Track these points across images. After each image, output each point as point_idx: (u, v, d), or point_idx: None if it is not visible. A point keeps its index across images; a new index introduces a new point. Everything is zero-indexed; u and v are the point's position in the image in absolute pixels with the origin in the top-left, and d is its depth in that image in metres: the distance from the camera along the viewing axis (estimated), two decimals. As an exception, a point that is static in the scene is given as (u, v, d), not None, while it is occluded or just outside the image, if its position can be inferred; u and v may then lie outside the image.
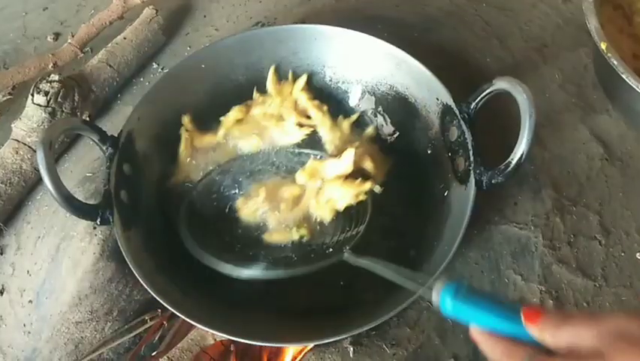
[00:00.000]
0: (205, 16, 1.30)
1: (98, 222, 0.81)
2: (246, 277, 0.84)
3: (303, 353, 0.87)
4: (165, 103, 0.97)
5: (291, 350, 0.91)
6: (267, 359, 0.95)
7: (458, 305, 0.55)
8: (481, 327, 0.54)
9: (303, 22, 1.18)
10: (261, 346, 0.93)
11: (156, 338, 0.98)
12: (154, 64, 1.21)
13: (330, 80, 1.05)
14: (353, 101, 1.04)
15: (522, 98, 0.76)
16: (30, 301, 0.94)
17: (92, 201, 0.83)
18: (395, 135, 1.01)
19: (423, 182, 0.94)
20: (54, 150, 0.79)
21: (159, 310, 0.97)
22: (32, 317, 0.93)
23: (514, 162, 0.77)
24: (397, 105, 0.99)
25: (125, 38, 1.17)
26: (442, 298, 0.56)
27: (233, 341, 0.91)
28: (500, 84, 0.81)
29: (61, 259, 0.95)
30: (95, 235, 0.94)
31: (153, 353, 0.96)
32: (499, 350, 0.52)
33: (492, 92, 0.82)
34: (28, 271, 0.96)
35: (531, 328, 0.50)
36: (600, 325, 0.47)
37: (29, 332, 0.93)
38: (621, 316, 0.47)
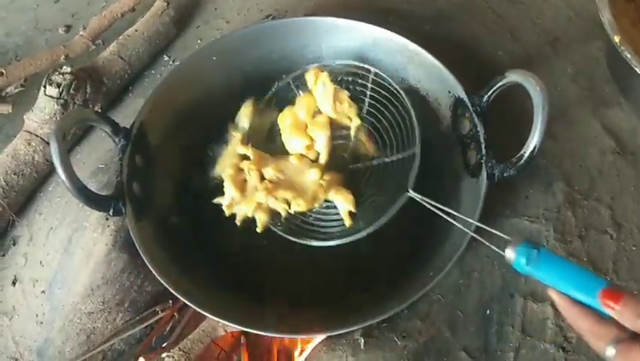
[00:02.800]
0: (216, 9, 1.30)
1: (111, 213, 0.81)
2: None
3: (313, 345, 0.87)
4: (177, 95, 0.97)
5: (302, 341, 0.91)
6: (278, 350, 0.95)
7: (535, 265, 0.56)
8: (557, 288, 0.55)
9: (314, 14, 1.18)
10: (272, 337, 0.93)
11: (167, 330, 0.99)
12: (165, 56, 1.22)
13: (342, 73, 1.04)
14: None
15: (535, 90, 0.76)
16: (43, 292, 0.95)
17: (104, 193, 0.83)
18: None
19: (434, 175, 0.94)
20: (67, 141, 0.79)
21: (170, 302, 0.98)
22: (45, 307, 0.94)
23: (526, 155, 0.77)
24: (409, 99, 0.99)
25: (136, 31, 1.17)
26: (518, 257, 0.57)
27: (243, 332, 0.91)
28: (513, 77, 0.80)
29: (74, 249, 0.95)
30: (108, 226, 0.94)
31: (164, 344, 0.96)
32: (585, 325, 0.53)
33: (504, 84, 0.82)
34: (40, 262, 0.97)
35: (610, 310, 0.51)
36: None
37: (42, 323, 0.93)
38: None
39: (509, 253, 0.58)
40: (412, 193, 0.81)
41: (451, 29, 1.18)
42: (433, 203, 0.77)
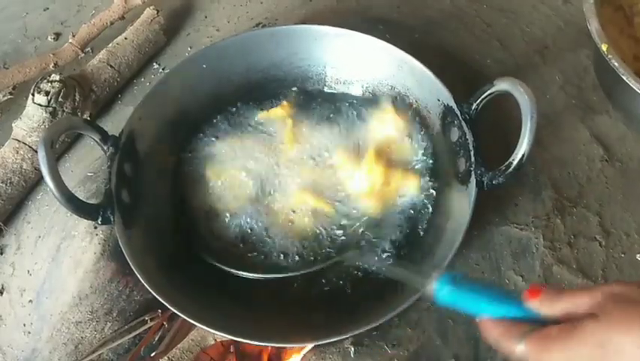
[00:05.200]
0: (206, 17, 1.30)
1: (99, 222, 0.81)
2: None
3: (303, 353, 0.87)
4: (166, 103, 0.97)
5: (291, 350, 0.91)
6: (268, 359, 0.95)
7: (453, 293, 0.57)
8: (478, 314, 0.55)
9: (304, 23, 1.18)
10: (262, 346, 0.93)
11: (156, 339, 0.98)
12: (155, 64, 1.21)
13: (331, 81, 1.05)
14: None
15: (523, 98, 0.76)
16: (30, 301, 0.94)
17: (93, 201, 0.83)
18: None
19: (424, 182, 0.94)
20: (55, 149, 0.79)
21: (159, 311, 0.97)
22: (32, 316, 0.93)
23: (515, 162, 0.77)
24: (398, 106, 0.99)
25: (126, 38, 1.17)
26: (438, 288, 0.57)
27: (233, 341, 0.91)
28: (501, 85, 0.81)
29: (62, 258, 0.95)
30: (96, 234, 0.94)
31: (153, 354, 0.95)
32: (496, 332, 0.53)
33: (493, 92, 0.82)
34: (28, 271, 0.96)
35: (532, 302, 0.52)
36: (595, 291, 0.49)
37: (29, 332, 0.93)
38: (616, 284, 0.49)
39: (430, 291, 0.58)
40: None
41: (441, 38, 1.18)
42: None
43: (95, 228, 0.94)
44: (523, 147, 0.76)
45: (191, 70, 1.00)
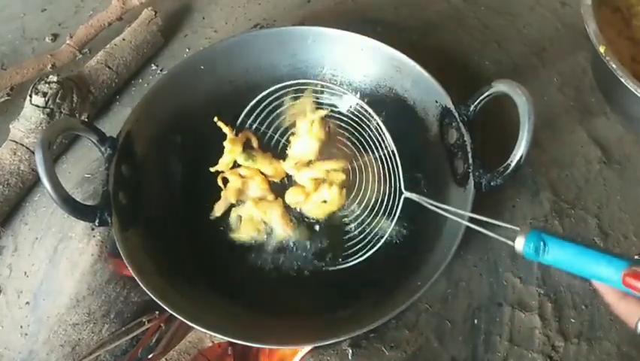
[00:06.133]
0: (204, 18, 1.30)
1: (97, 224, 0.81)
2: None
3: (301, 356, 0.87)
4: (164, 105, 0.97)
5: (289, 352, 0.90)
6: (265, 361, 0.95)
7: (546, 253, 0.57)
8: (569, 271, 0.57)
9: (302, 24, 1.18)
10: (259, 348, 0.93)
11: (153, 341, 0.98)
12: (153, 65, 1.21)
13: (329, 82, 1.04)
14: (351, 102, 1.04)
15: (521, 100, 0.76)
16: (27, 303, 0.94)
17: (90, 203, 0.83)
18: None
19: (422, 183, 0.94)
20: (52, 150, 0.79)
21: (157, 313, 0.97)
22: (29, 318, 0.93)
23: (513, 164, 0.77)
24: (396, 107, 0.99)
25: (123, 40, 1.17)
26: (527, 247, 0.58)
27: (230, 343, 0.91)
28: (499, 87, 0.81)
29: (59, 260, 0.94)
30: (94, 236, 0.94)
31: (150, 356, 0.95)
32: (617, 307, 0.56)
33: (491, 94, 0.82)
34: (25, 273, 0.96)
35: (635, 291, 0.53)
36: None
37: (26, 334, 0.92)
38: None
39: (519, 244, 0.58)
40: (407, 194, 0.81)
41: (439, 39, 1.18)
42: (431, 201, 0.77)
43: (93, 229, 0.94)
44: (521, 149, 0.76)
45: (189, 71, 1.00)
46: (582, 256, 0.56)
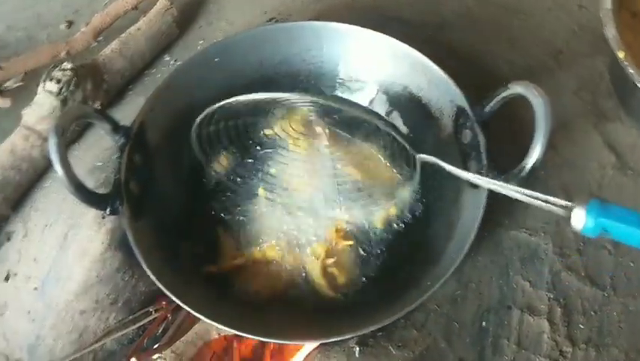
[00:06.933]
0: (219, 10, 1.30)
1: (108, 212, 0.81)
2: None
3: (307, 352, 0.87)
4: (178, 96, 0.97)
5: (294, 347, 0.90)
6: (271, 356, 0.95)
7: (608, 226, 0.55)
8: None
9: (318, 19, 1.18)
10: (265, 342, 0.93)
11: (160, 331, 0.98)
12: (166, 56, 1.21)
13: (343, 79, 1.04)
14: (366, 100, 1.04)
15: (538, 102, 0.75)
16: (35, 289, 0.94)
17: (101, 191, 0.82)
18: (406, 132, 1.01)
19: (435, 183, 0.94)
20: (66, 137, 0.79)
21: (164, 303, 0.97)
22: (37, 304, 0.93)
23: (528, 166, 0.76)
24: (410, 106, 0.99)
25: (138, 29, 1.17)
26: (588, 220, 0.56)
27: (236, 336, 0.91)
28: (516, 88, 0.80)
29: (69, 247, 0.94)
30: (104, 224, 0.93)
31: (156, 346, 0.95)
32: None
33: (507, 96, 0.82)
34: (34, 258, 0.96)
35: None
36: None
37: (33, 320, 0.92)
38: None
39: (577, 218, 0.56)
40: (422, 156, 0.81)
41: (453, 39, 1.17)
42: (449, 166, 0.77)
43: (103, 218, 0.94)
44: (536, 152, 0.75)
45: (203, 63, 1.00)
46: None
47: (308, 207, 0.93)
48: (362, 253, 0.91)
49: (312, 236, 0.91)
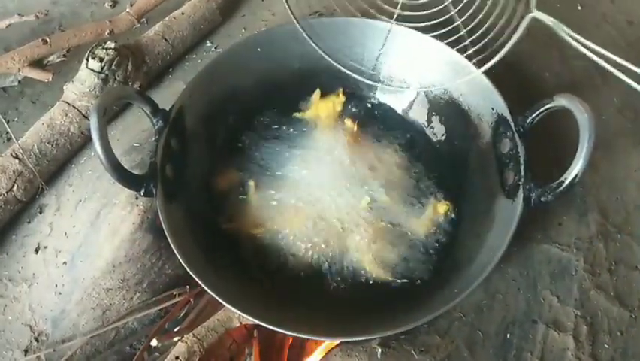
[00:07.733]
0: (263, 0, 1.29)
1: (142, 193, 0.81)
2: None
3: (328, 349, 0.87)
4: (218, 83, 0.97)
5: (315, 343, 0.90)
6: (290, 348, 0.95)
7: None
8: None
9: (362, 16, 1.17)
10: (285, 335, 0.93)
11: (181, 314, 0.99)
12: (208, 42, 1.21)
13: (384, 78, 1.04)
14: (406, 101, 1.03)
15: (583, 117, 0.74)
16: (64, 263, 0.95)
17: (135, 172, 0.83)
18: (444, 136, 1.01)
19: (468, 190, 0.93)
20: (106, 116, 0.79)
21: (187, 287, 0.97)
22: (65, 278, 0.94)
23: (567, 181, 0.75)
24: (449, 110, 0.98)
25: (182, 13, 1.17)
26: None
27: (257, 326, 0.91)
28: (561, 101, 0.78)
29: (101, 224, 0.95)
30: (137, 205, 0.94)
31: (176, 329, 0.96)
32: None
33: (551, 108, 0.80)
34: (65, 233, 0.97)
35: None
36: None
37: (60, 293, 0.94)
38: None
39: None
40: (537, 13, 0.81)
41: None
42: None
43: (137, 198, 0.95)
44: (577, 167, 0.73)
45: (245, 52, 1.00)
46: None
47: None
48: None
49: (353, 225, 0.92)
